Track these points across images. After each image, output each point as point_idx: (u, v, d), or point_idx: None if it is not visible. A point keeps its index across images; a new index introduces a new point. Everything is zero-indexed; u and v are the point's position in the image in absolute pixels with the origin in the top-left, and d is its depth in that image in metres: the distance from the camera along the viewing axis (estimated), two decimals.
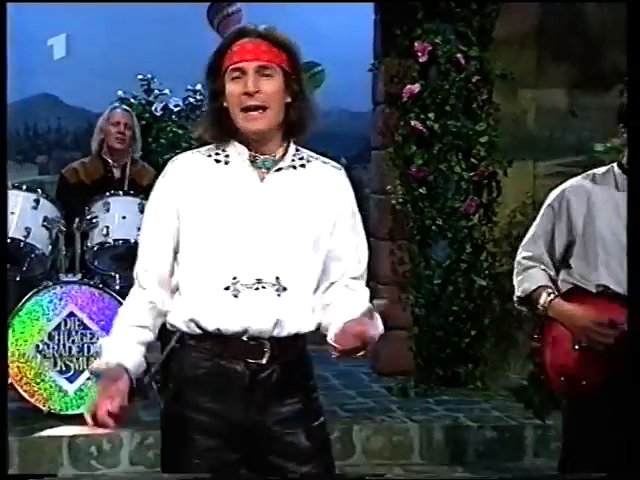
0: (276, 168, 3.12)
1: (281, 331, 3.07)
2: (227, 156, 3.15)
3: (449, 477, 4.44)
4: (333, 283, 3.23)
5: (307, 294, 3.15)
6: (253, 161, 3.12)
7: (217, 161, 3.16)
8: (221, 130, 3.12)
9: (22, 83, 9.61)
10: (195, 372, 3.13)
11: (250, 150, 3.12)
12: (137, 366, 3.11)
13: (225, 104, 3.07)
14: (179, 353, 3.17)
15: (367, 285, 3.36)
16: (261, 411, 3.10)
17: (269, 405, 3.11)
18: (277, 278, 3.06)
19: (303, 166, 3.20)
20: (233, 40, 3.08)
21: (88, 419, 2.99)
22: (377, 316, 3.00)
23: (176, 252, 3.17)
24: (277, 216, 3.10)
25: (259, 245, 3.08)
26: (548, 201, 4.21)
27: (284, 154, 3.15)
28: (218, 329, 3.06)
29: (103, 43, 10.46)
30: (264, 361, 3.07)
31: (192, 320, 3.08)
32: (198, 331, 3.09)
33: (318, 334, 3.23)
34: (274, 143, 3.14)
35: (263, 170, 3.12)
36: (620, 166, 4.09)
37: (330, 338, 3.09)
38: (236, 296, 3.05)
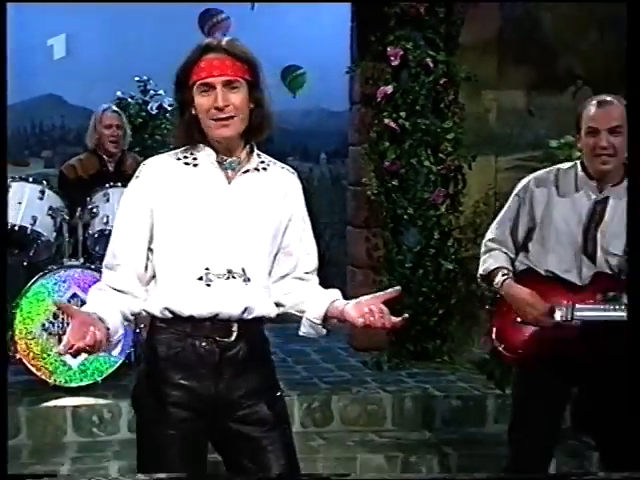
0: (243, 170, 3.18)
1: (248, 315, 3.14)
2: (195, 159, 3.20)
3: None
4: (285, 276, 3.33)
5: (266, 283, 3.24)
6: (221, 163, 3.17)
7: (186, 164, 3.21)
8: (192, 136, 3.17)
9: (29, 84, 9.60)
10: (168, 352, 3.17)
11: (217, 153, 3.17)
12: (113, 319, 3.09)
13: (194, 112, 3.11)
14: (153, 335, 3.21)
15: (345, 269, 3.42)
16: (229, 384, 3.17)
17: (236, 379, 3.18)
18: (243, 269, 3.13)
19: (265, 169, 3.26)
20: (199, 55, 3.11)
21: (61, 348, 2.96)
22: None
23: (150, 248, 3.19)
24: (243, 214, 3.17)
25: (228, 239, 3.15)
26: (515, 190, 4.28)
27: (248, 156, 3.20)
28: (192, 315, 3.11)
29: (103, 47, 10.47)
30: (232, 340, 3.14)
31: (166, 308, 3.13)
32: (171, 316, 3.13)
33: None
34: (238, 146, 3.19)
35: (229, 171, 3.18)
36: (582, 164, 4.13)
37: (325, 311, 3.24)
38: (209, 285, 3.12)
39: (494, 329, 4.25)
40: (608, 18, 7.66)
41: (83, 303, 6.13)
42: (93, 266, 6.55)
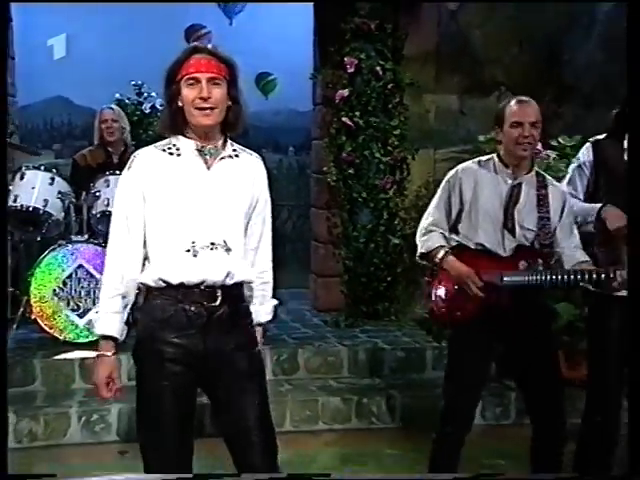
0: (220, 157, 3.21)
1: (230, 280, 3.17)
2: (178, 149, 3.21)
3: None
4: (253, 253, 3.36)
5: (243, 253, 3.26)
6: (200, 150, 3.19)
7: (170, 154, 3.22)
8: (176, 125, 3.20)
9: (41, 87, 9.50)
10: (163, 315, 3.18)
11: (197, 142, 3.20)
12: (120, 330, 3.22)
13: (180, 104, 3.13)
14: (149, 302, 3.23)
15: (309, 244, 3.43)
16: (215, 342, 3.18)
17: (221, 337, 3.19)
18: (224, 241, 3.16)
19: (237, 156, 3.28)
20: (189, 55, 3.14)
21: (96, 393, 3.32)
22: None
23: (144, 232, 3.22)
24: (221, 194, 3.19)
25: (210, 216, 3.17)
26: (445, 179, 4.29)
27: (224, 145, 3.23)
28: (182, 282, 3.14)
29: (104, 55, 10.37)
30: (217, 304, 3.17)
31: (160, 278, 3.15)
32: (164, 285, 3.16)
33: None
34: (215, 136, 3.21)
35: (208, 157, 3.20)
36: (498, 156, 4.20)
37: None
38: (195, 256, 3.14)
39: (435, 297, 4.26)
40: (526, 36, 7.77)
41: (88, 273, 6.29)
42: (96, 241, 6.54)
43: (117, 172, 6.60)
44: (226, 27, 10.54)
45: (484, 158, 4.30)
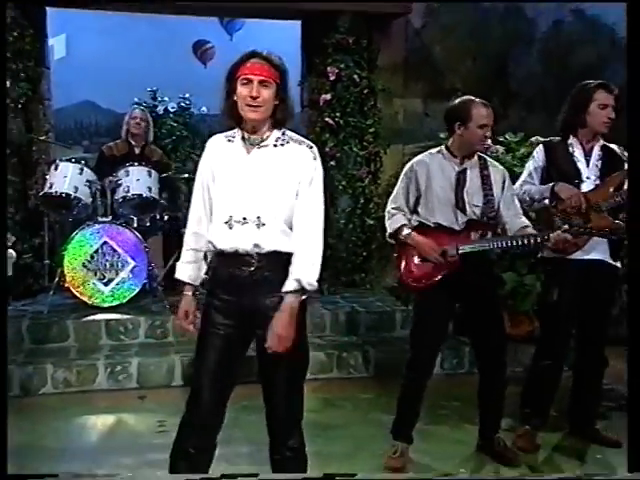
0: (259, 145, 3.18)
1: (260, 250, 3.13)
2: (233, 137, 3.23)
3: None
4: (295, 228, 3.21)
5: (281, 227, 3.17)
6: (245, 139, 3.19)
7: (228, 141, 3.25)
8: (232, 116, 3.19)
9: (72, 93, 9.44)
10: (215, 276, 3.25)
11: (246, 132, 3.19)
12: (191, 276, 3.31)
13: (235, 99, 3.13)
14: (211, 264, 3.30)
15: None
16: (253, 300, 3.16)
17: (258, 296, 3.15)
18: (258, 217, 3.13)
19: (282, 145, 3.20)
20: (247, 58, 3.13)
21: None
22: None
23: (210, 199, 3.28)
24: (257, 177, 3.15)
25: (245, 195, 3.15)
26: (404, 171, 4.32)
27: (267, 136, 3.19)
28: (221, 249, 3.17)
29: (125, 66, 10.32)
30: (253, 269, 3.14)
31: (210, 242, 3.22)
32: (214, 250, 3.23)
33: None
34: (263, 129, 3.18)
35: (250, 146, 3.18)
36: (447, 147, 4.25)
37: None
38: (230, 228, 3.14)
39: (403, 268, 4.27)
40: (478, 52, 7.81)
41: (111, 249, 6.31)
42: (118, 222, 6.52)
43: (136, 163, 6.66)
44: (227, 42, 10.55)
45: (434, 150, 4.33)
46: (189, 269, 3.33)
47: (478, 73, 7.46)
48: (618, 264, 4.48)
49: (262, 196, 3.16)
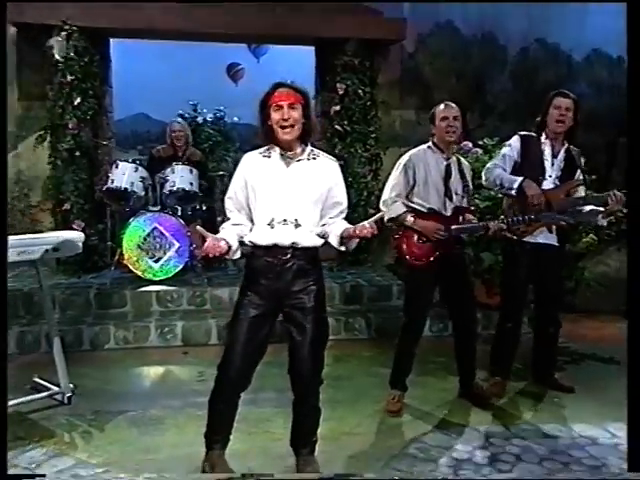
0: (297, 159, 3.22)
1: (297, 245, 3.17)
2: (269, 154, 3.25)
3: None
4: (331, 217, 3.27)
5: (312, 228, 3.22)
6: (283, 155, 3.22)
7: (264, 157, 3.26)
8: (268, 138, 3.22)
9: (130, 107, 9.44)
10: (253, 264, 3.26)
11: (282, 149, 3.22)
12: (235, 249, 3.23)
13: (270, 123, 3.15)
14: (249, 256, 3.30)
15: None
16: (287, 284, 3.19)
17: (291, 281, 3.19)
18: (296, 219, 3.18)
19: (314, 159, 3.26)
20: (275, 89, 3.16)
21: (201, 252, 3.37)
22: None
23: (249, 207, 3.26)
24: (295, 186, 3.20)
25: (285, 201, 3.19)
26: (401, 162, 4.28)
27: (302, 152, 3.23)
28: (263, 245, 3.19)
29: (171, 83, 10.32)
30: (287, 258, 3.18)
31: (250, 241, 3.23)
32: (254, 245, 3.23)
33: None
34: (295, 146, 3.22)
35: (288, 160, 3.22)
36: (432, 144, 4.24)
37: (341, 233, 3.18)
38: (272, 228, 3.18)
39: (405, 249, 4.24)
40: (461, 71, 7.76)
41: (160, 233, 6.31)
42: (165, 211, 6.52)
43: (180, 163, 6.65)
44: (255, 64, 10.54)
45: (424, 146, 4.29)
46: (233, 233, 3.25)
47: (460, 89, 7.40)
48: (564, 246, 4.58)
49: (300, 202, 3.21)
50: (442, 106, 4.23)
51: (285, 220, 3.19)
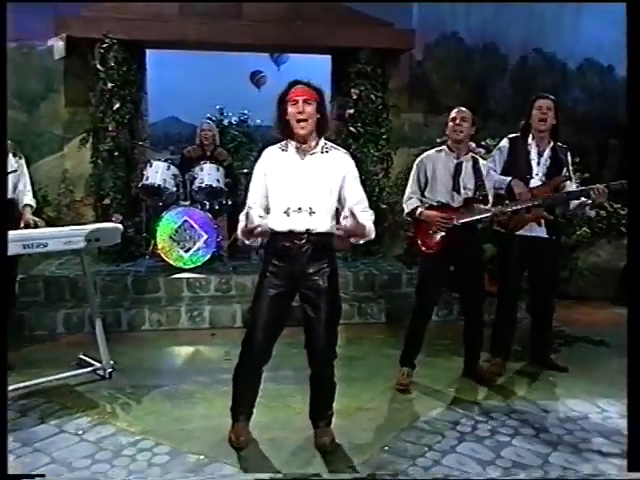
0: (311, 152, 3.20)
1: (311, 231, 3.16)
2: (286, 147, 3.23)
3: None
4: (350, 208, 3.20)
5: (327, 215, 3.20)
6: (299, 149, 3.20)
7: (282, 150, 3.25)
8: (284, 132, 3.20)
9: (162, 111, 9.47)
10: (271, 248, 3.26)
11: (297, 143, 3.21)
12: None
13: (287, 118, 3.14)
14: (268, 241, 3.28)
15: None
16: (301, 267, 3.20)
17: (306, 264, 3.19)
18: (310, 207, 3.16)
19: (327, 152, 3.23)
20: (292, 86, 3.16)
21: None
22: (362, 224, 3.09)
23: (266, 196, 3.26)
24: (310, 177, 3.18)
25: (300, 191, 3.18)
26: (416, 163, 4.32)
27: (316, 145, 3.20)
28: (279, 230, 3.18)
29: (200, 89, 10.34)
30: (302, 243, 3.18)
31: (269, 227, 3.21)
32: (272, 231, 3.21)
33: None
34: (310, 139, 3.20)
35: (303, 153, 3.20)
36: (447, 146, 4.23)
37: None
38: (288, 215, 3.17)
39: (419, 239, 4.25)
40: (464, 78, 7.72)
41: (190, 225, 6.32)
42: (194, 206, 6.51)
43: (208, 162, 6.63)
44: (276, 72, 10.53)
45: (439, 148, 4.32)
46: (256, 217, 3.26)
47: (464, 95, 7.38)
48: (554, 238, 4.53)
49: (314, 191, 3.19)
50: (455, 109, 4.24)
51: (300, 208, 3.17)
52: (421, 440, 3.52)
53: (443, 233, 4.16)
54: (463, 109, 4.23)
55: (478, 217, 4.23)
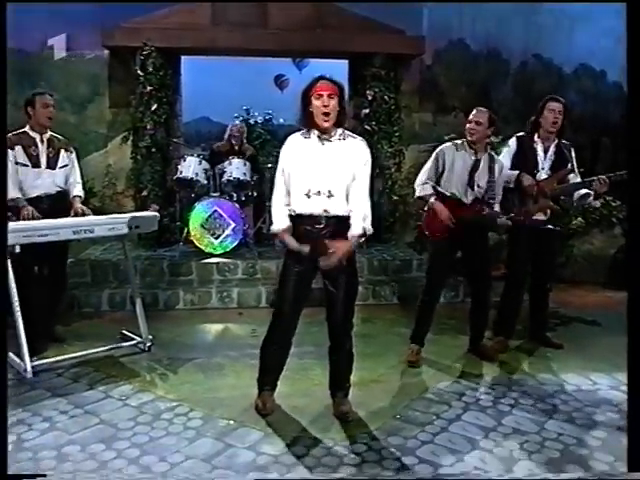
0: (331, 140, 3.16)
1: (329, 214, 3.13)
2: (308, 135, 3.19)
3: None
4: (352, 195, 3.17)
5: (343, 197, 3.15)
6: (320, 137, 3.17)
7: (305, 138, 3.21)
8: (308, 123, 3.16)
9: (195, 111, 9.47)
10: (295, 231, 3.19)
11: (319, 132, 3.17)
12: (288, 228, 3.19)
13: (310, 109, 3.11)
14: (292, 225, 3.20)
15: None
16: (322, 248, 3.12)
17: (326, 247, 3.11)
18: (329, 190, 3.12)
19: (345, 139, 3.19)
20: (316, 81, 3.12)
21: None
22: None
23: (290, 180, 3.18)
24: (329, 162, 3.14)
25: (320, 175, 3.14)
26: (435, 152, 4.23)
27: (335, 134, 3.17)
28: (300, 213, 3.15)
29: (229, 91, 10.30)
30: (322, 226, 3.14)
31: (291, 209, 3.17)
32: (294, 214, 3.18)
33: None
34: (331, 129, 3.15)
35: (323, 141, 3.17)
36: (466, 141, 4.16)
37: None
38: (309, 198, 3.13)
39: (427, 223, 4.23)
40: (470, 81, 7.64)
41: (220, 215, 6.29)
42: (223, 197, 6.48)
43: (236, 157, 6.61)
44: (297, 75, 10.46)
45: (458, 142, 4.23)
46: (285, 219, 3.22)
47: (469, 96, 7.32)
48: (557, 228, 4.50)
49: (332, 175, 3.15)
50: (474, 111, 4.17)
51: (319, 191, 3.13)
52: (429, 409, 3.53)
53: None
54: (482, 110, 4.14)
55: (482, 220, 4.16)
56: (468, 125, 4.13)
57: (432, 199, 4.14)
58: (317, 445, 3.07)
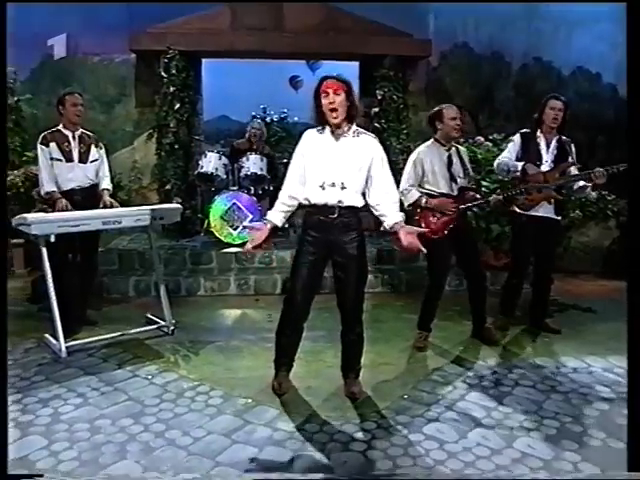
0: (344, 135, 3.13)
1: (342, 204, 3.11)
2: (323, 130, 3.17)
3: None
4: (377, 189, 3.16)
5: (357, 190, 3.13)
6: (333, 132, 3.14)
7: (319, 133, 3.18)
8: (320, 120, 3.14)
9: (215, 110, 9.46)
10: (309, 221, 3.20)
11: (332, 128, 3.15)
12: (278, 220, 3.23)
13: (321, 107, 3.08)
14: (305, 214, 3.23)
15: None
16: (334, 236, 3.14)
17: (338, 234, 3.13)
18: (342, 183, 3.09)
19: (358, 135, 3.16)
20: (322, 81, 3.08)
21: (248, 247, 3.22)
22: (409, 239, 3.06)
23: (305, 173, 3.18)
24: (342, 156, 3.12)
25: (334, 168, 3.11)
26: (412, 158, 4.14)
27: (347, 130, 3.14)
28: (315, 203, 3.13)
29: (247, 91, 10.31)
30: (335, 216, 3.12)
31: (306, 199, 3.16)
32: (308, 204, 3.17)
33: None
34: (343, 125, 3.12)
35: (337, 136, 3.14)
36: (435, 139, 4.11)
37: (390, 227, 3.12)
38: (323, 189, 3.11)
39: (424, 226, 4.05)
40: (473, 82, 7.63)
41: (238, 207, 6.27)
42: (242, 190, 6.47)
43: (254, 153, 6.59)
44: (311, 76, 10.43)
45: (428, 142, 4.16)
46: (280, 216, 3.26)
47: (473, 96, 7.35)
48: (559, 218, 4.47)
49: (346, 169, 3.13)
50: (450, 108, 4.07)
51: (333, 183, 3.11)
52: (435, 390, 3.53)
53: (446, 218, 4.06)
54: (454, 107, 4.09)
55: (477, 203, 4.21)
56: (453, 122, 4.03)
57: (424, 199, 4.06)
58: (329, 423, 3.08)
